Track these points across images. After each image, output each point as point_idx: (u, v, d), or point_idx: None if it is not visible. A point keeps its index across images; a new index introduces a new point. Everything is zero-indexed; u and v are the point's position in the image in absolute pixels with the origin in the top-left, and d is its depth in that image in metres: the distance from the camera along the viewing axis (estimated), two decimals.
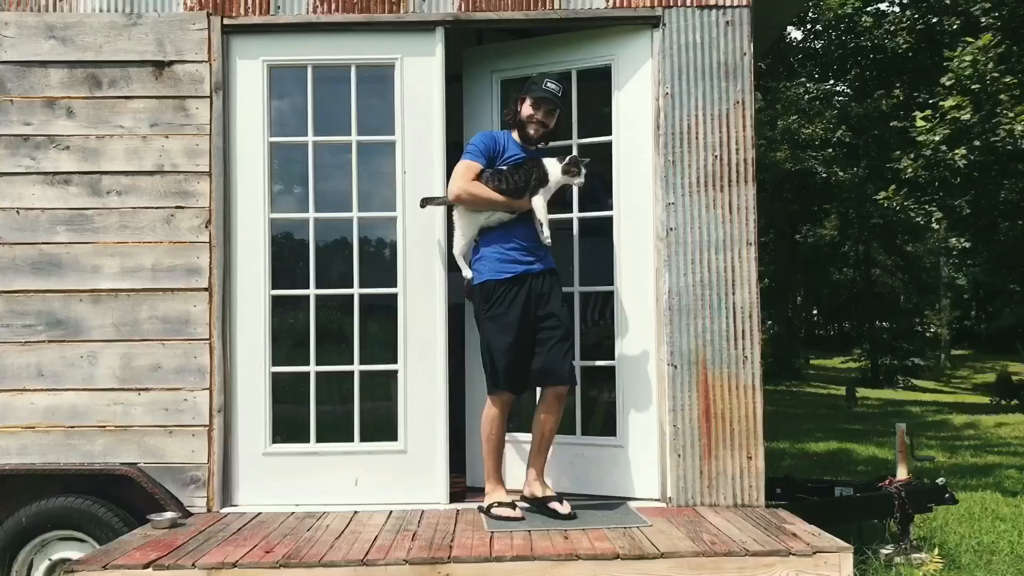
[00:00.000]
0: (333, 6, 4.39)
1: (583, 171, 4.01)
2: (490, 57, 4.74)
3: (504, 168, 4.01)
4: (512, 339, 3.97)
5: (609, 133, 4.47)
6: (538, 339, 4.02)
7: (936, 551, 4.54)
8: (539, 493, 4.02)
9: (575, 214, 4.49)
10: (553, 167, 3.99)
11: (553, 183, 3.98)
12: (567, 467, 4.31)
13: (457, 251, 4.18)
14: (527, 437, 4.29)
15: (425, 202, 4.24)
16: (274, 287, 4.41)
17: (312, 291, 4.43)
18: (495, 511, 3.95)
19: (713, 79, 4.33)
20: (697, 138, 4.31)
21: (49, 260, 4.29)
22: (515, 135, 4.13)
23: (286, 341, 4.49)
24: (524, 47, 4.67)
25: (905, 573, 4.29)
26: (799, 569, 3.33)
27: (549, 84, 4.06)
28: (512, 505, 3.97)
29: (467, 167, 4.03)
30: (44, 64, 4.34)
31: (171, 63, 4.35)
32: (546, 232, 3.99)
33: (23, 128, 4.32)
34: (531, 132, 4.06)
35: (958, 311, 39.41)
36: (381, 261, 4.56)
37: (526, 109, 4.06)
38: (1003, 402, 16.95)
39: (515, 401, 4.16)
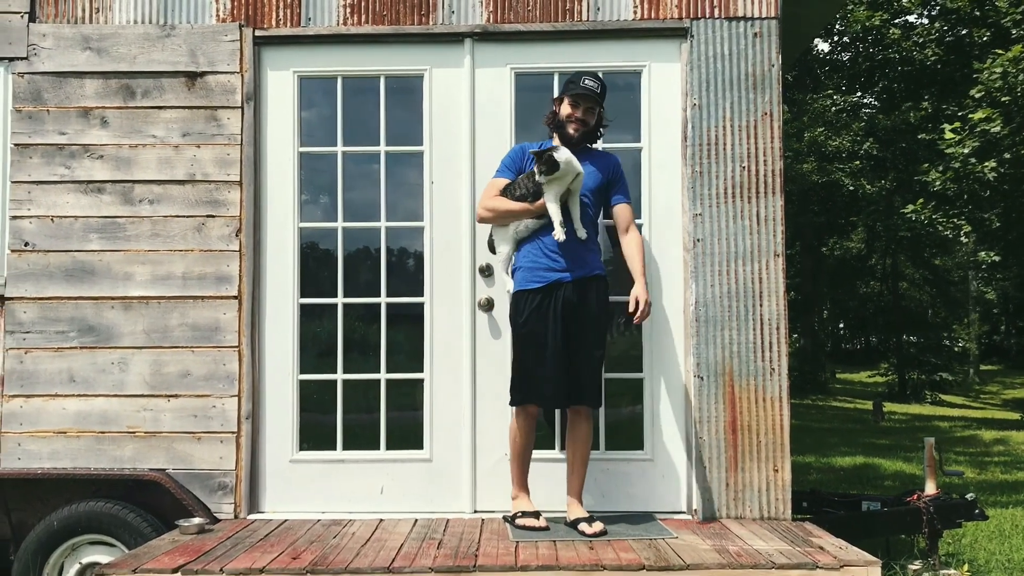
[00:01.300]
0: (362, 18, 4.44)
1: (543, 168, 3.76)
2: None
3: (520, 176, 3.99)
4: (536, 352, 3.86)
5: (636, 140, 4.48)
6: (571, 353, 3.88)
7: (965, 567, 4.49)
8: (570, 516, 3.95)
9: (601, 220, 4.50)
10: (564, 158, 3.82)
11: (560, 175, 3.79)
12: (591, 483, 4.31)
13: (500, 267, 4.21)
14: (546, 454, 4.32)
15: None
16: (302, 295, 4.45)
17: (340, 299, 4.47)
18: (519, 521, 3.94)
19: (741, 90, 4.33)
20: (725, 149, 4.31)
21: (82, 267, 4.35)
22: (555, 140, 4.04)
23: (314, 349, 4.52)
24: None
25: None
26: None
27: (587, 81, 3.95)
28: (536, 515, 3.95)
29: (490, 184, 4.05)
30: (80, 75, 4.42)
31: (203, 74, 4.41)
32: (579, 231, 3.89)
33: (58, 137, 4.39)
34: (570, 131, 3.95)
35: (987, 325, 38.94)
36: (408, 270, 4.59)
37: (565, 108, 3.97)
38: None
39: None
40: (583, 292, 3.89)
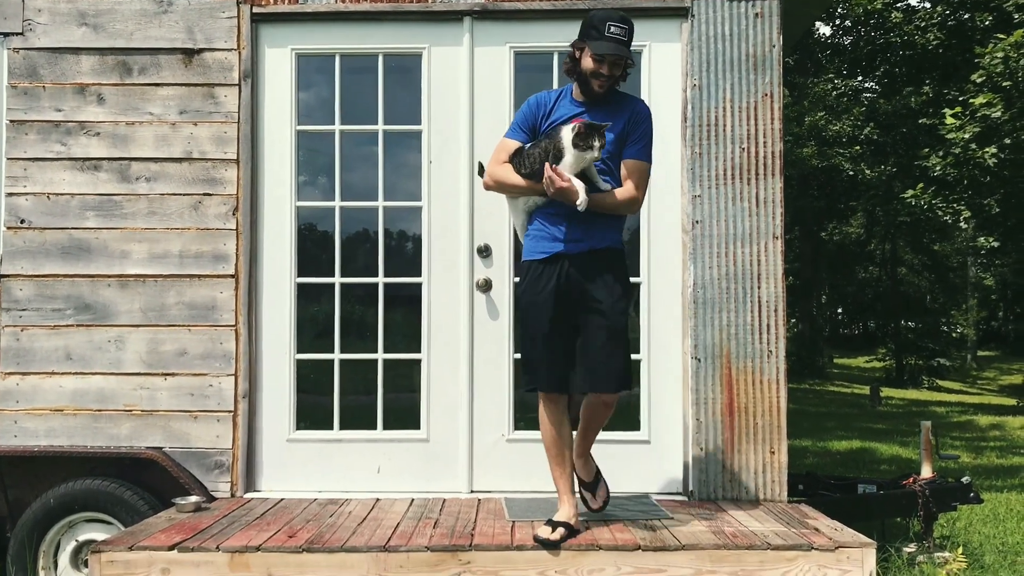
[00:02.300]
0: None
1: (597, 143, 3.27)
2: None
3: (527, 145, 3.48)
4: (538, 329, 3.46)
5: None
6: (581, 335, 3.47)
7: (960, 550, 4.50)
8: (581, 475, 3.74)
9: None
10: (567, 138, 3.30)
11: (570, 159, 3.28)
12: None
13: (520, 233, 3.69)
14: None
15: (481, 168, 3.75)
16: (299, 275, 4.44)
17: (337, 279, 4.46)
18: (537, 531, 3.41)
19: (741, 71, 4.31)
20: (724, 130, 4.29)
21: (78, 245, 4.33)
22: (575, 90, 3.50)
23: (311, 329, 4.51)
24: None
25: (928, 572, 4.25)
26: (821, 564, 3.32)
27: (613, 28, 3.32)
28: (555, 526, 3.40)
29: (499, 146, 3.57)
30: (76, 51, 4.39)
31: (200, 51, 4.38)
32: (583, 203, 3.29)
33: (54, 114, 4.36)
34: (595, 88, 3.40)
35: (985, 311, 39.00)
36: (405, 251, 4.58)
37: (587, 62, 3.38)
38: None
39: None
40: (589, 266, 3.43)
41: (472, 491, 4.35)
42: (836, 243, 27.53)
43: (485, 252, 4.39)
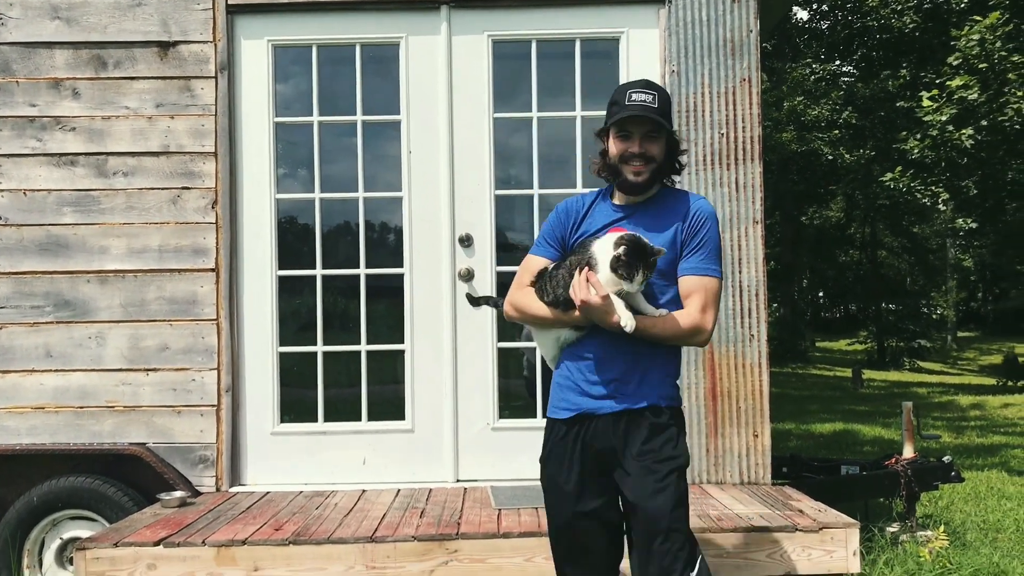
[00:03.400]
0: None
1: (640, 276, 2.42)
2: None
3: (552, 266, 2.67)
4: (551, 512, 2.68)
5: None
6: (628, 535, 2.63)
7: (942, 529, 4.55)
8: None
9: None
10: (602, 255, 2.47)
11: (606, 283, 2.44)
12: None
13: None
14: (528, 423, 4.33)
15: (476, 302, 3.51)
16: (281, 268, 4.42)
17: (319, 271, 4.44)
18: None
19: (719, 56, 4.31)
20: (703, 116, 4.29)
21: (56, 241, 4.30)
22: (616, 196, 2.69)
23: (294, 322, 4.50)
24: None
25: (911, 550, 4.30)
26: (805, 544, 3.35)
27: (636, 95, 2.58)
28: None
29: (522, 266, 2.76)
30: (49, 45, 4.34)
31: (176, 43, 4.34)
32: (628, 325, 2.42)
33: (29, 109, 4.32)
34: (632, 178, 2.57)
35: (964, 293, 39.34)
36: (387, 242, 4.57)
37: (614, 146, 2.60)
38: (1009, 383, 16.92)
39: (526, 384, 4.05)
40: (629, 434, 2.54)
41: (458, 480, 4.36)
42: (816, 227, 27.64)
43: (467, 242, 4.38)
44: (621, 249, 2.38)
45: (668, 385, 2.60)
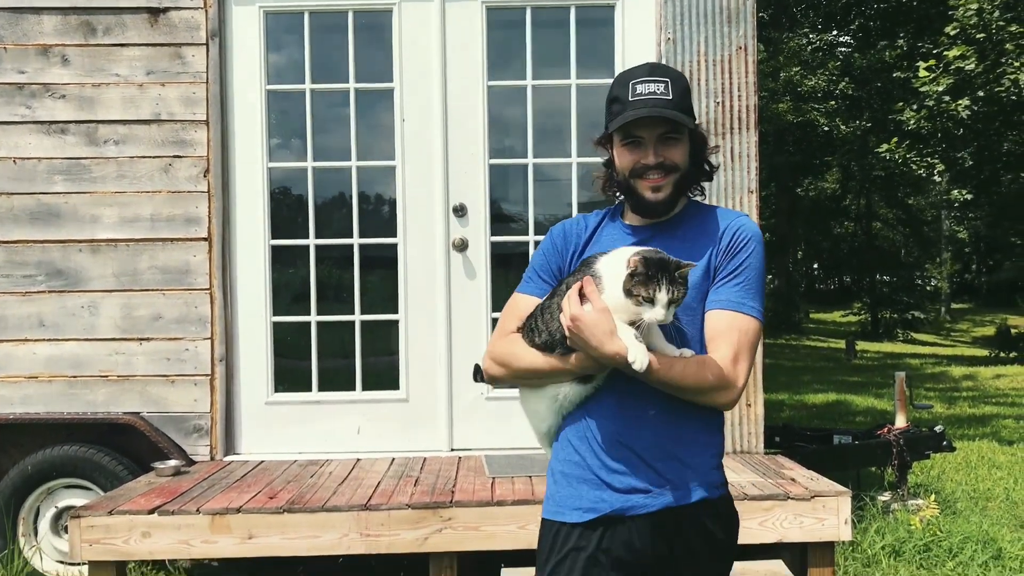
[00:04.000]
0: None
1: (665, 294, 1.74)
2: None
3: (545, 299, 1.99)
4: None
5: (610, 77, 4.42)
6: None
7: (933, 497, 4.58)
8: None
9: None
10: (609, 271, 1.82)
11: (617, 307, 1.78)
12: None
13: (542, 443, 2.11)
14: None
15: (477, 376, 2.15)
16: (274, 237, 4.40)
17: (312, 241, 4.42)
18: None
19: (716, 24, 4.28)
20: (699, 84, 4.26)
21: (47, 210, 4.27)
22: (627, 215, 2.04)
23: (287, 292, 4.49)
24: None
25: (902, 519, 4.33)
26: (797, 513, 3.37)
27: (642, 86, 1.93)
28: None
29: (507, 308, 2.09)
30: (37, 11, 4.28)
31: (166, 9, 4.29)
32: (638, 360, 1.73)
33: (17, 76, 4.27)
34: (648, 196, 1.94)
35: (958, 264, 39.40)
36: (380, 212, 4.55)
37: (622, 157, 1.96)
38: (1002, 355, 17.00)
39: None
40: (675, 542, 1.87)
41: (452, 449, 4.37)
42: (811, 199, 27.63)
43: (461, 211, 4.36)
44: (636, 259, 1.72)
45: (717, 467, 1.90)
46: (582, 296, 1.79)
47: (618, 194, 2.02)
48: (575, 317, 1.76)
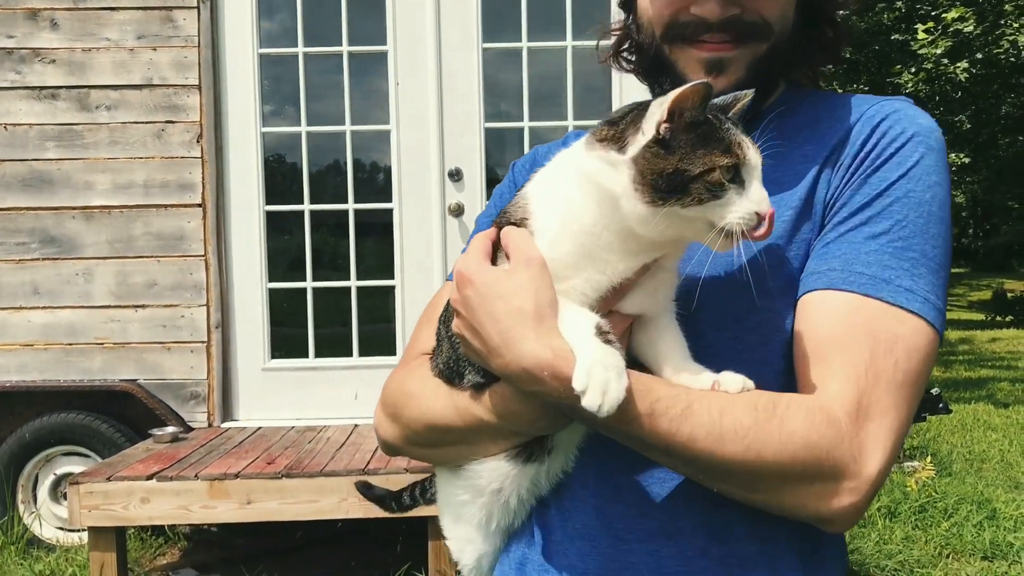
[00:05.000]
0: None
1: (749, 154, 0.88)
2: None
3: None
4: None
5: None
6: None
7: (928, 459, 4.61)
8: None
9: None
10: (554, 198, 0.97)
11: (585, 253, 0.93)
12: None
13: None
14: None
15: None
16: (268, 203, 4.37)
17: (307, 206, 4.39)
18: None
19: None
20: None
21: (40, 177, 4.23)
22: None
23: (282, 258, 4.47)
24: None
25: (898, 481, 4.36)
26: None
27: None
28: None
29: (433, 301, 1.36)
30: None
31: None
32: (595, 385, 0.83)
33: (6, 41, 4.21)
34: (693, 75, 1.06)
35: (956, 229, 39.36)
36: (376, 178, 4.52)
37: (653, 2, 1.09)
38: (998, 318, 17.03)
39: None
40: None
41: None
42: None
43: (456, 176, 4.33)
44: (683, 93, 0.86)
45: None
46: (496, 255, 0.97)
47: (638, 73, 1.20)
48: (464, 280, 0.95)
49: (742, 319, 1.00)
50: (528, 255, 0.91)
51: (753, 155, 0.87)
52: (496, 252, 0.98)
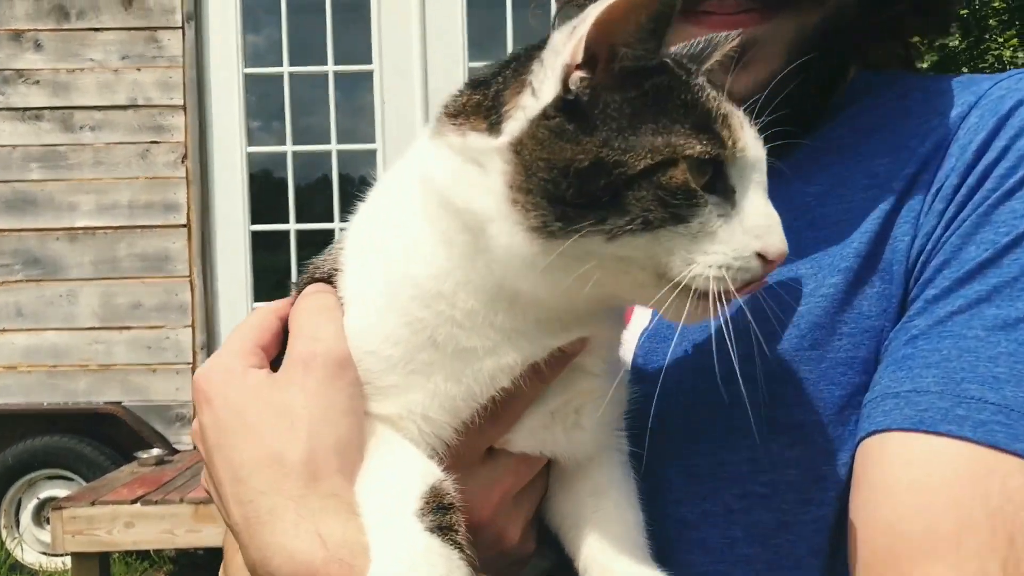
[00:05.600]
0: None
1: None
2: None
3: None
4: None
5: None
6: None
7: None
8: None
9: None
10: (364, 246, 0.69)
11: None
12: None
13: None
14: None
15: None
16: (254, 223, 4.35)
17: (292, 226, 4.37)
18: None
19: None
20: None
21: (23, 198, 4.20)
22: None
23: (269, 278, 4.44)
24: None
25: None
26: None
27: None
28: None
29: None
30: None
31: None
32: None
33: None
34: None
35: None
36: (362, 197, 4.47)
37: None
38: None
39: None
40: None
41: None
42: None
43: None
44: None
45: None
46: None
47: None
48: (201, 396, 0.62)
49: (740, 472, 0.58)
50: (313, 347, 0.56)
51: (750, 142, 0.53)
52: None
